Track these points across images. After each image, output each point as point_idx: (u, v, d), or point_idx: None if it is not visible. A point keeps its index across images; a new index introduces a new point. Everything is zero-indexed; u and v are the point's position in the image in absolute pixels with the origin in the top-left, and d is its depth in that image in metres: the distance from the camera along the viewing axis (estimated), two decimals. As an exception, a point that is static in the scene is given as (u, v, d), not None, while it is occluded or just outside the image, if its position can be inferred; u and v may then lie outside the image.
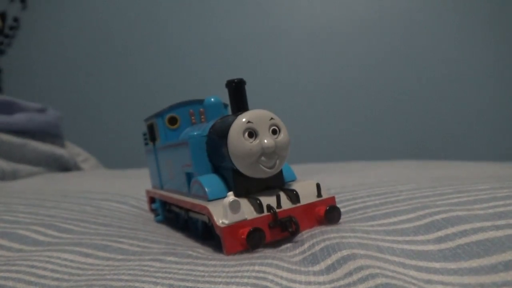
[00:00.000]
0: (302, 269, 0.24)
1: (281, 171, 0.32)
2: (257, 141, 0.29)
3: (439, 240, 0.24)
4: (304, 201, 0.30)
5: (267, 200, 0.29)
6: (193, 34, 1.52)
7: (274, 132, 0.30)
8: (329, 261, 0.23)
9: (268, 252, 0.27)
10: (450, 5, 1.28)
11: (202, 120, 0.40)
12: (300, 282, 0.22)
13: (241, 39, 1.47)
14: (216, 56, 1.49)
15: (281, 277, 0.22)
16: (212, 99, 0.37)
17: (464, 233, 0.24)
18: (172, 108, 0.40)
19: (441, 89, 1.29)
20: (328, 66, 1.39)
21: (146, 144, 0.46)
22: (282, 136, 0.30)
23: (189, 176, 0.35)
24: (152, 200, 0.47)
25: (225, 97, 0.33)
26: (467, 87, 1.27)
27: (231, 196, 0.27)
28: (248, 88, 0.32)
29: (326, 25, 1.38)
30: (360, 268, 0.21)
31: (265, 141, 0.28)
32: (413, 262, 0.22)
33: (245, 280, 0.21)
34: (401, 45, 1.32)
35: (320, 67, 1.39)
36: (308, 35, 1.40)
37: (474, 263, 0.21)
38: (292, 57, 1.42)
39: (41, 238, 0.34)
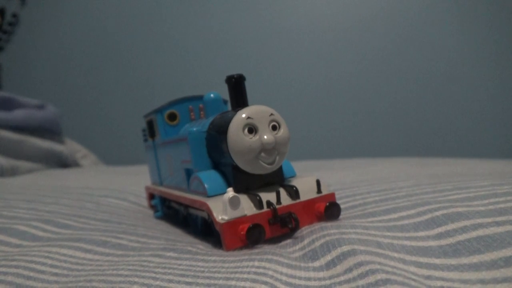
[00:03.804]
0: (302, 265, 0.23)
1: (280, 167, 0.32)
2: (257, 137, 0.28)
3: (439, 236, 0.24)
4: (304, 197, 0.30)
5: (267, 196, 0.29)
6: (193, 29, 1.51)
7: (274, 128, 0.29)
8: (329, 257, 0.23)
9: (268, 248, 0.27)
10: (450, 2, 1.28)
11: (202, 116, 0.40)
12: (300, 278, 0.22)
13: (241, 34, 1.46)
14: (215, 52, 1.49)
15: (281, 273, 0.22)
16: (212, 95, 0.36)
17: (464, 229, 0.24)
18: (171, 104, 0.40)
19: (441, 86, 1.29)
20: (327, 63, 1.38)
21: (146, 140, 0.46)
22: (282, 132, 0.30)
23: (188, 172, 0.34)
24: (151, 196, 0.47)
25: (224, 93, 0.33)
26: (467, 84, 1.27)
27: (230, 192, 0.27)
28: (248, 84, 0.32)
29: (326, 21, 1.38)
30: (360, 264, 0.21)
31: (265, 137, 0.28)
32: (413, 258, 0.22)
33: (245, 276, 0.21)
34: (401, 42, 1.32)
35: (319, 63, 1.39)
36: (308, 31, 1.40)
37: (475, 259, 0.21)
38: (292, 53, 1.42)
39: (40, 233, 0.34)
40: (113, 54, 1.62)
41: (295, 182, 0.31)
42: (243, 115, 0.29)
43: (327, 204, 0.30)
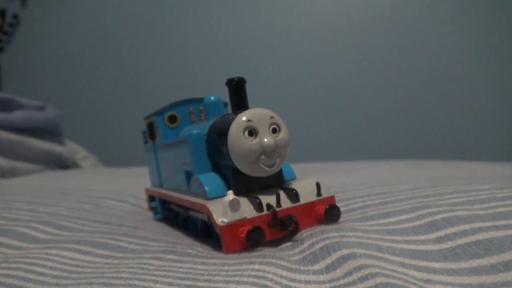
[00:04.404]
0: (302, 268, 0.24)
1: (281, 170, 0.32)
2: (257, 139, 0.28)
3: (439, 240, 0.24)
4: (303, 200, 0.30)
5: (267, 199, 0.29)
6: (194, 31, 1.52)
7: (274, 131, 0.29)
8: (328, 260, 0.23)
9: (268, 251, 0.27)
10: (450, 2, 1.28)
11: (202, 118, 0.40)
12: (299, 281, 0.22)
13: (241, 37, 1.46)
14: (216, 54, 1.49)
15: (281, 276, 0.22)
16: (212, 98, 0.36)
17: (464, 233, 0.24)
18: (172, 106, 0.40)
19: (441, 86, 1.29)
20: (327, 65, 1.38)
21: (146, 142, 0.46)
22: (282, 135, 0.30)
23: (188, 175, 0.35)
24: (151, 198, 0.47)
25: (225, 94, 0.33)
26: (467, 84, 1.27)
27: (230, 195, 0.27)
28: (247, 85, 0.32)
29: (326, 21, 1.38)
30: (360, 268, 0.21)
31: (265, 140, 0.28)
32: (413, 262, 0.22)
33: (245, 279, 0.21)
34: (401, 42, 1.32)
35: (320, 66, 1.39)
36: (309, 33, 1.40)
37: (474, 263, 0.21)
38: (293, 55, 1.42)
39: (40, 235, 0.34)
40: (113, 55, 1.62)
41: (295, 185, 0.31)
42: (244, 118, 0.29)
43: (327, 207, 0.30)
